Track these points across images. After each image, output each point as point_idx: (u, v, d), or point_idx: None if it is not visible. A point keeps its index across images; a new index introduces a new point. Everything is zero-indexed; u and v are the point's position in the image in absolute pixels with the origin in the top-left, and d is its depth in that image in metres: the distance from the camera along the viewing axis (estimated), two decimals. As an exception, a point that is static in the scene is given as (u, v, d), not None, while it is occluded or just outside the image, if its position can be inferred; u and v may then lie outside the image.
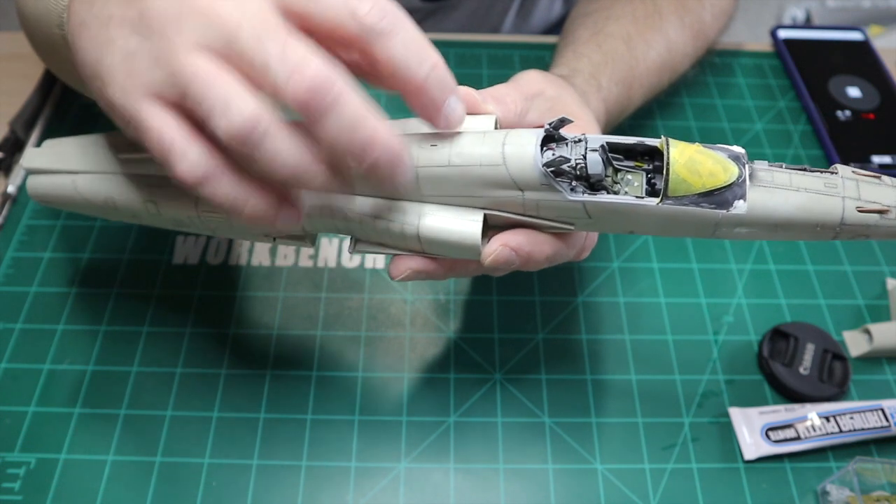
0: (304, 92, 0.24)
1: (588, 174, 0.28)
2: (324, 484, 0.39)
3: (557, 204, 0.29)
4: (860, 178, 0.28)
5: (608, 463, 0.40)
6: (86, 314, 0.45)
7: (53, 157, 0.36)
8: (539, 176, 0.28)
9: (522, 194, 0.29)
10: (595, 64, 0.45)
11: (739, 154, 0.28)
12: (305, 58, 0.25)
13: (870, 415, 0.41)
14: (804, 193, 0.28)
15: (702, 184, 0.27)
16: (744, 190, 0.27)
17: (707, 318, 0.46)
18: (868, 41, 0.63)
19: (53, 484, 0.38)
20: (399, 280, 0.33)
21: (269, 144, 0.26)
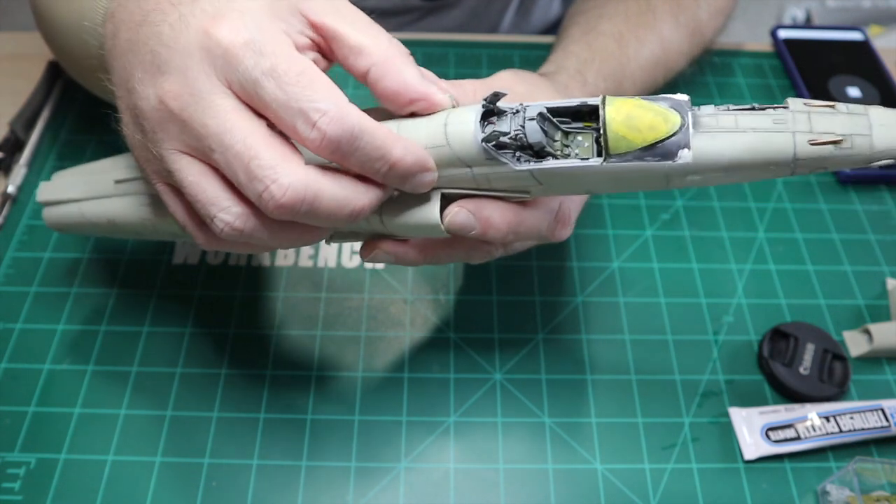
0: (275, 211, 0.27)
1: (529, 143, 0.28)
2: (324, 484, 0.39)
3: (506, 175, 0.29)
4: (812, 110, 0.27)
5: (608, 463, 0.40)
6: (86, 314, 0.45)
7: (61, 189, 0.40)
8: (481, 151, 0.28)
9: (471, 170, 0.29)
10: (583, 61, 0.46)
11: (682, 101, 0.27)
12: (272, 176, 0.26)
13: (870, 415, 0.41)
14: (752, 134, 0.27)
15: (642, 138, 0.27)
16: (687, 138, 0.27)
17: (707, 318, 0.46)
18: (868, 41, 0.63)
19: (53, 484, 0.38)
20: (368, 260, 0.34)
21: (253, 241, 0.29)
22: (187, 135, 0.27)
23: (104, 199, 0.38)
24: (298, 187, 0.26)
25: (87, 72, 0.40)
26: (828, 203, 0.53)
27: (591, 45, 0.47)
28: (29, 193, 0.50)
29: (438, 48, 0.61)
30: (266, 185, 0.26)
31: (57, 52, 0.45)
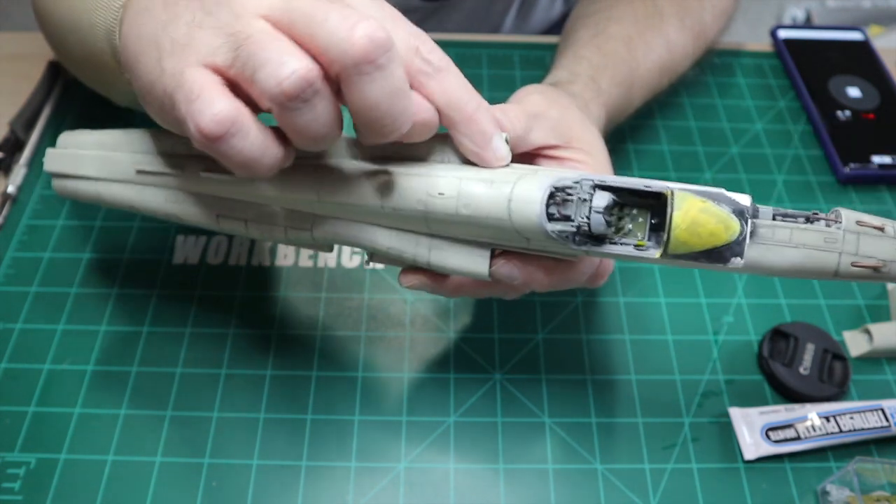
0: (363, 41, 0.24)
1: (591, 233, 0.29)
2: (324, 484, 0.39)
3: (561, 249, 0.30)
4: (862, 231, 0.28)
5: (608, 463, 0.40)
6: (86, 314, 0.45)
7: (71, 161, 0.38)
8: (544, 234, 0.29)
9: (528, 242, 0.30)
10: (595, 66, 0.45)
11: (744, 208, 0.28)
12: (362, 17, 0.25)
13: (870, 415, 0.41)
14: (802, 250, 0.28)
15: (702, 244, 0.28)
16: (742, 248, 0.28)
17: (707, 318, 0.46)
18: (868, 41, 0.63)
19: (53, 484, 0.38)
20: (408, 287, 0.35)
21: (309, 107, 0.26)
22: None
23: (125, 184, 0.36)
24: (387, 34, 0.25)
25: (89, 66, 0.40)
26: (828, 203, 0.53)
27: (601, 49, 0.47)
28: (29, 193, 0.50)
29: (438, 48, 0.61)
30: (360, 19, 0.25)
31: (57, 48, 0.45)
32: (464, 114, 0.29)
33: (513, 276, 0.32)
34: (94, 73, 0.41)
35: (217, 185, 0.33)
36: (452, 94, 0.29)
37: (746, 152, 0.55)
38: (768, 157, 0.55)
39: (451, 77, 0.29)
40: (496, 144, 0.30)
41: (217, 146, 0.26)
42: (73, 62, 0.43)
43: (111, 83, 0.40)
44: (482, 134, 0.29)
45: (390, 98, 0.26)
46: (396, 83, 0.26)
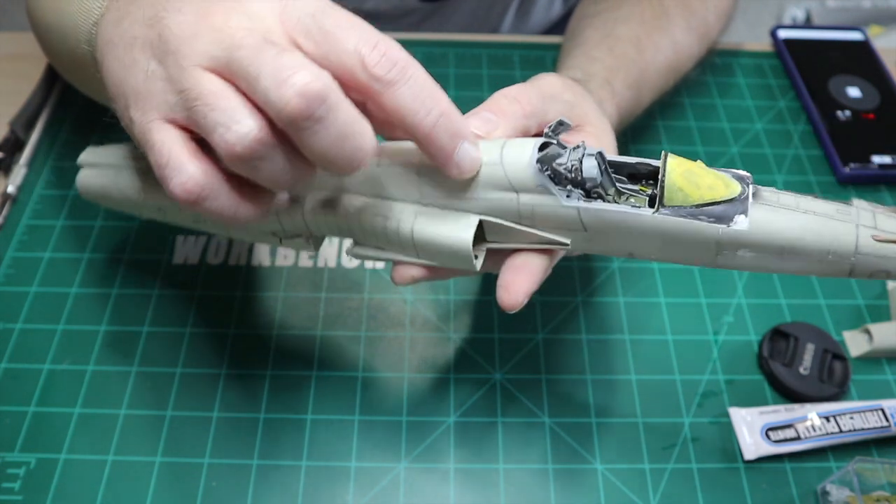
0: (295, 101, 0.24)
1: (583, 178, 0.28)
2: (324, 484, 0.39)
3: (552, 210, 0.29)
4: (877, 210, 0.27)
5: (608, 463, 0.40)
6: (86, 314, 0.45)
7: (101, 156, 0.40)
8: (534, 174, 0.28)
9: (517, 196, 0.29)
10: (608, 68, 0.45)
11: (744, 175, 0.27)
12: (299, 66, 0.25)
13: (870, 415, 0.41)
14: (812, 216, 0.26)
15: (699, 195, 0.27)
16: (746, 206, 0.26)
17: (707, 318, 0.46)
18: (868, 41, 0.63)
19: (53, 484, 0.38)
20: (400, 285, 0.34)
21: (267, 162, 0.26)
22: (218, 44, 0.26)
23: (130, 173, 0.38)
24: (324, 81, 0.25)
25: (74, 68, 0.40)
26: (828, 203, 0.53)
27: (612, 50, 0.47)
28: (29, 193, 0.50)
29: (438, 48, 0.61)
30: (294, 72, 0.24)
31: (47, 51, 0.45)
32: (419, 131, 0.27)
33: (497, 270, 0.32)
34: (81, 76, 0.40)
35: None
36: (405, 110, 0.27)
37: (746, 152, 0.55)
38: (768, 157, 0.55)
39: (403, 89, 0.27)
40: (459, 159, 0.28)
41: (192, 209, 0.28)
42: (65, 68, 0.43)
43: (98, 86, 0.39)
44: (441, 150, 0.28)
45: (338, 143, 0.26)
46: (341, 128, 0.25)
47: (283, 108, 0.24)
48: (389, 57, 0.26)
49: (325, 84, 0.25)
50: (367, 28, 0.27)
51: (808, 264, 0.27)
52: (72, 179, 0.51)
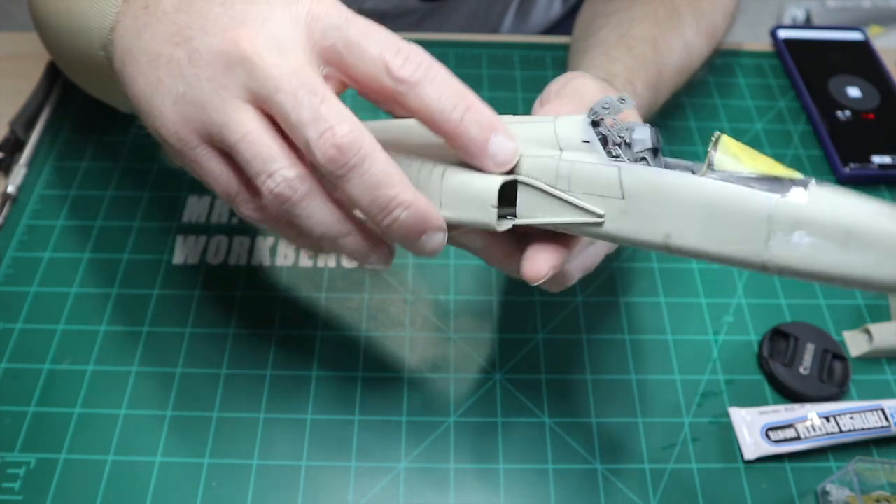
0: (331, 151, 0.26)
1: (633, 139, 0.27)
2: (324, 484, 0.39)
3: (592, 169, 0.27)
4: None
5: (608, 463, 0.40)
6: (86, 314, 0.45)
7: None
8: (584, 128, 0.27)
9: (560, 154, 0.28)
10: (629, 69, 0.45)
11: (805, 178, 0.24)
12: (336, 119, 0.26)
13: (870, 415, 0.41)
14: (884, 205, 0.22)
15: (753, 164, 0.24)
16: (808, 182, 0.23)
17: (707, 318, 0.46)
18: (868, 41, 0.63)
19: (53, 484, 0.38)
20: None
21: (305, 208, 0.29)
22: (254, 79, 0.27)
23: None
24: (357, 133, 0.27)
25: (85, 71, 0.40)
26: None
27: (632, 50, 0.46)
28: (29, 193, 0.50)
29: (438, 48, 0.61)
30: (331, 124, 0.26)
31: (55, 53, 0.45)
32: (449, 127, 0.28)
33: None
34: (93, 80, 0.40)
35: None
36: (432, 108, 0.27)
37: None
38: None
39: (428, 88, 0.27)
40: (493, 150, 0.28)
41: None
42: (72, 68, 0.43)
43: (111, 90, 0.39)
44: (473, 143, 0.28)
45: (373, 191, 0.27)
46: (375, 176, 0.27)
47: (322, 157, 0.27)
48: (412, 60, 0.27)
49: (359, 135, 0.27)
50: (389, 35, 0.28)
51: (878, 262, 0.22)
52: (72, 179, 0.51)
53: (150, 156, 0.53)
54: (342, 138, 0.26)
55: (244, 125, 0.28)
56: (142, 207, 0.50)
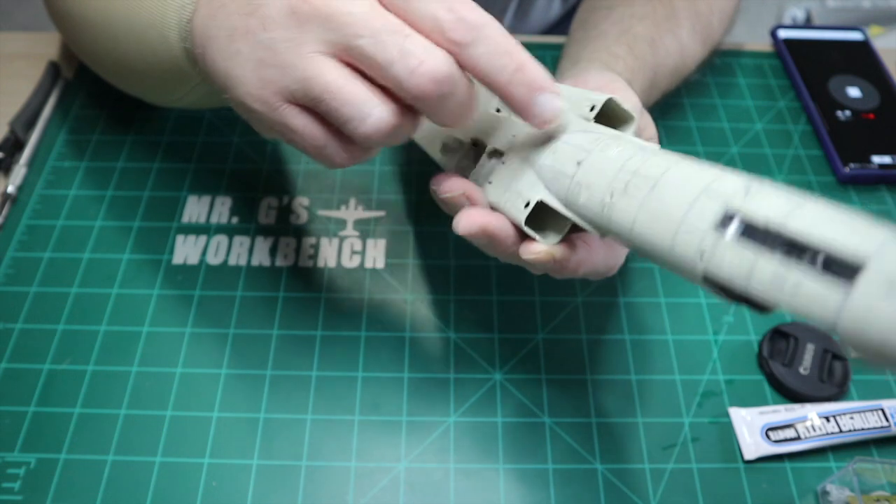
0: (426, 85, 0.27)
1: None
2: (324, 484, 0.39)
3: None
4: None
5: (608, 463, 0.40)
6: (86, 314, 0.45)
7: None
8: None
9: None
10: (630, 69, 0.45)
11: None
12: (424, 52, 0.27)
13: (870, 415, 0.41)
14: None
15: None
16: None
17: (707, 318, 0.46)
18: (868, 41, 0.63)
19: (53, 484, 0.38)
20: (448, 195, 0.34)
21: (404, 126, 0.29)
22: (330, 30, 0.28)
23: None
24: (448, 62, 0.27)
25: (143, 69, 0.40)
26: (828, 203, 0.52)
27: (632, 50, 0.46)
28: (29, 193, 0.50)
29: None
30: (421, 60, 0.27)
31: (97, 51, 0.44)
32: (497, 87, 0.29)
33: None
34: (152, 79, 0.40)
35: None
36: (482, 68, 0.28)
37: (746, 152, 0.55)
38: (768, 157, 0.55)
39: (480, 49, 0.28)
40: (538, 109, 0.29)
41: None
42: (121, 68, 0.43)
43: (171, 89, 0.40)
44: (519, 102, 0.29)
45: (460, 110, 0.29)
46: (461, 99, 0.28)
47: (418, 92, 0.27)
48: (464, 19, 0.28)
49: (451, 66, 0.27)
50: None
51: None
52: (72, 179, 0.51)
53: (151, 156, 0.53)
54: (438, 71, 0.27)
55: (325, 76, 0.28)
56: (142, 207, 0.50)
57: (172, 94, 0.40)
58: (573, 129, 0.31)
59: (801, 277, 0.20)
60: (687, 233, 0.23)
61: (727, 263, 0.22)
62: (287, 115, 0.30)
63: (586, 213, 0.29)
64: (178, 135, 0.54)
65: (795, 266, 0.20)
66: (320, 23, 0.28)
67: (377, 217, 0.50)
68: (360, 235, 0.49)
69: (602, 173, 0.28)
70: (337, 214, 0.50)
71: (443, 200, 0.34)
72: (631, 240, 0.26)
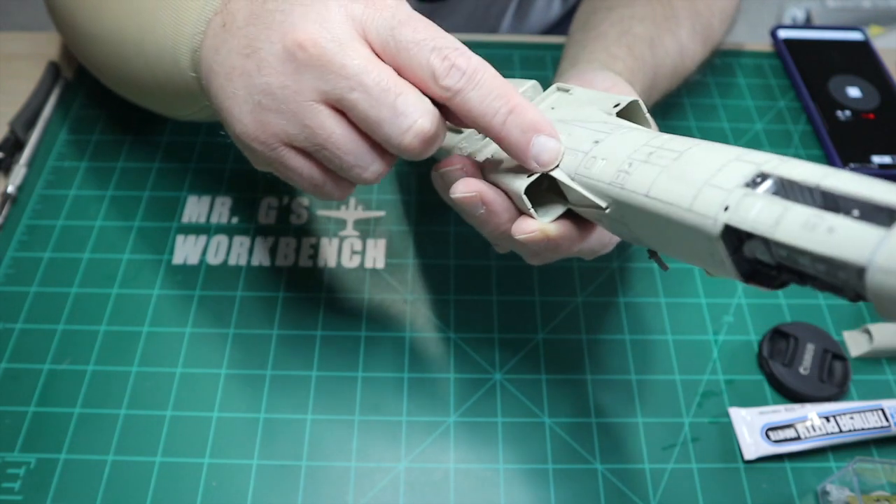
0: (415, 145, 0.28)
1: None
2: (324, 484, 0.39)
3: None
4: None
5: (608, 463, 0.40)
6: (86, 314, 0.45)
7: None
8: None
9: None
10: (630, 69, 0.45)
11: None
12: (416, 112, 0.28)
13: (870, 415, 0.41)
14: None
15: None
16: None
17: (707, 318, 0.46)
18: (868, 41, 0.63)
19: (53, 484, 0.38)
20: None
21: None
22: (325, 80, 0.28)
23: None
24: (435, 120, 0.29)
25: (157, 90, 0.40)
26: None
27: (632, 51, 0.46)
28: (29, 193, 0.50)
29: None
30: (415, 119, 0.28)
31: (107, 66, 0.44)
32: (492, 131, 0.29)
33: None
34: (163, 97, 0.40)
35: None
36: (475, 112, 0.29)
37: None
38: (768, 157, 0.55)
39: (472, 94, 0.28)
40: (535, 152, 0.29)
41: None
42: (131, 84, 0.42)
43: (181, 107, 0.40)
44: (515, 147, 0.29)
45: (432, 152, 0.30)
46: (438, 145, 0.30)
47: (405, 149, 0.29)
48: (458, 66, 0.28)
49: (436, 124, 0.29)
50: (438, 37, 0.29)
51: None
52: (72, 179, 0.51)
53: (151, 156, 0.53)
54: (426, 133, 0.28)
55: (326, 128, 0.29)
56: (142, 207, 0.50)
57: (182, 111, 0.40)
58: (594, 118, 0.31)
59: (836, 222, 0.20)
60: (713, 188, 0.23)
61: (756, 212, 0.22)
62: (285, 156, 0.31)
63: (595, 183, 0.28)
64: (178, 135, 0.54)
65: (831, 214, 0.20)
66: (315, 72, 0.28)
67: (377, 217, 0.50)
68: (360, 235, 0.49)
69: (623, 147, 0.28)
70: (337, 214, 0.50)
71: (440, 175, 0.34)
72: (641, 205, 0.26)
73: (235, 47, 0.30)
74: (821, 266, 0.20)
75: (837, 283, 0.20)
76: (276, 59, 0.29)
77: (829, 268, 0.20)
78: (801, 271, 0.21)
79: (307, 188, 0.32)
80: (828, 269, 0.20)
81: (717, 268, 0.24)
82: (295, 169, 0.31)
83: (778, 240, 0.21)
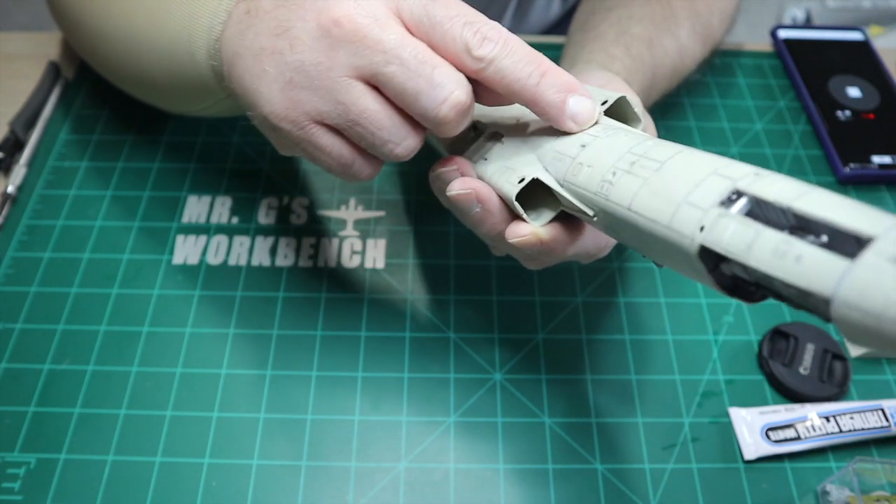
0: (451, 116, 0.29)
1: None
2: (324, 484, 0.39)
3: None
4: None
5: (608, 463, 0.40)
6: (86, 314, 0.45)
7: None
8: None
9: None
10: (628, 69, 0.45)
11: None
12: (452, 84, 0.28)
13: (870, 415, 0.41)
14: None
15: None
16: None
17: (707, 318, 0.46)
18: (868, 41, 0.63)
19: (53, 484, 0.38)
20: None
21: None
22: (360, 55, 0.28)
23: None
24: (469, 92, 0.29)
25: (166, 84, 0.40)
26: (828, 203, 0.52)
27: (630, 51, 0.46)
28: (29, 193, 0.50)
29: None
30: (451, 90, 0.28)
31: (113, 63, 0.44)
32: (526, 95, 0.29)
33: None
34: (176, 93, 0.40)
35: None
36: (509, 78, 0.29)
37: (746, 152, 0.55)
38: (768, 157, 0.55)
39: (505, 61, 0.29)
40: (572, 111, 0.30)
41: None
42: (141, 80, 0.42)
43: (195, 102, 0.40)
44: (551, 107, 0.30)
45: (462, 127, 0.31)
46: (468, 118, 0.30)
47: (441, 121, 0.29)
48: (490, 38, 0.29)
49: (470, 95, 0.29)
50: (469, 13, 0.29)
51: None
52: (72, 179, 0.51)
53: (151, 156, 0.53)
54: (462, 104, 0.28)
55: (360, 103, 0.29)
56: (142, 207, 0.50)
57: (195, 106, 0.40)
58: None
59: (804, 250, 0.20)
60: (690, 206, 0.23)
61: (729, 234, 0.22)
62: (315, 134, 0.31)
63: (582, 192, 0.29)
64: (178, 135, 0.54)
65: (799, 241, 0.20)
66: (351, 47, 0.28)
67: (377, 217, 0.50)
68: (360, 235, 0.49)
69: (608, 153, 0.28)
70: (337, 214, 0.50)
71: (437, 176, 0.34)
72: (624, 218, 0.26)
73: (264, 29, 0.31)
74: (792, 291, 0.20)
75: (809, 307, 0.21)
76: (310, 37, 0.29)
77: (800, 293, 0.20)
78: (777, 291, 0.21)
79: (335, 168, 0.32)
80: (798, 294, 0.20)
81: (701, 279, 0.24)
82: (324, 148, 0.31)
83: (750, 265, 0.21)
